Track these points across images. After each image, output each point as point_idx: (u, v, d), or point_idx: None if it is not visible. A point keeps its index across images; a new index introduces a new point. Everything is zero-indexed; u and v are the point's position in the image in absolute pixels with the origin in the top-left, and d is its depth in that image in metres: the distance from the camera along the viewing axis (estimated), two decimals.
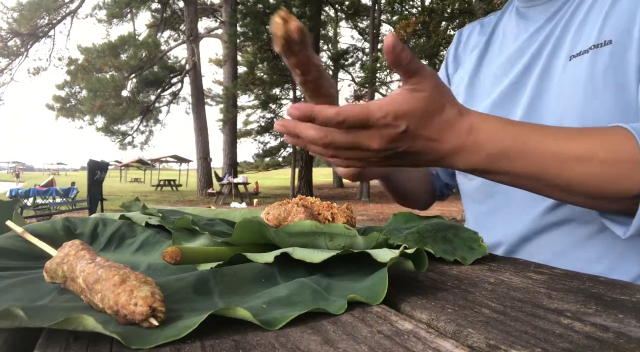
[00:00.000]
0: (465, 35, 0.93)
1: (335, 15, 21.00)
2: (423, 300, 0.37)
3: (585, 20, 0.66)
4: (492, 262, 0.51)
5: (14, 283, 0.40)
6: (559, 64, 0.68)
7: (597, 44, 0.63)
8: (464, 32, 0.94)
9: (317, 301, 0.35)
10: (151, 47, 14.74)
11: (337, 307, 0.34)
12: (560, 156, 0.50)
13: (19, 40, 15.23)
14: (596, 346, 0.27)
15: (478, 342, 0.28)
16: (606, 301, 0.35)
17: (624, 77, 0.60)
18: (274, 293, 0.37)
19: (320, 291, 0.38)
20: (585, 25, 0.66)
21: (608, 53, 0.61)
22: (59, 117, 17.19)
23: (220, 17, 16.34)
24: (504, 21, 0.84)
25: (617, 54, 0.60)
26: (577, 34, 0.66)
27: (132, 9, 14.44)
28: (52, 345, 0.30)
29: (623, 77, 0.60)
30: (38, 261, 0.47)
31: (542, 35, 0.72)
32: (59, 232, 0.55)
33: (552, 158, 0.50)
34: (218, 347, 0.28)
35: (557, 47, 0.69)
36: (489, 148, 0.49)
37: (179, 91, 17.72)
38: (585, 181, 0.49)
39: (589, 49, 0.64)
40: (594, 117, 0.61)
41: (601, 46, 0.62)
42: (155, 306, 0.31)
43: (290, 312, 0.32)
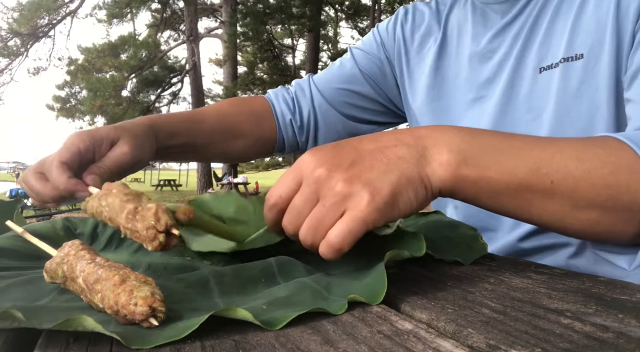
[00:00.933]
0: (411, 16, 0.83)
1: (335, 15, 21.00)
2: (423, 300, 0.37)
3: (552, 29, 0.63)
4: (492, 262, 0.51)
5: (14, 283, 0.40)
6: (527, 75, 0.65)
7: (567, 57, 0.60)
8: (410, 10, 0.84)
9: (317, 300, 0.35)
10: (151, 47, 14.74)
11: (338, 308, 0.34)
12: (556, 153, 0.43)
13: (19, 40, 15.23)
14: (596, 346, 0.27)
15: (478, 342, 0.28)
16: (606, 301, 0.35)
17: (597, 93, 0.58)
18: (274, 293, 0.37)
19: (320, 290, 0.38)
20: (552, 34, 0.63)
21: (580, 68, 0.59)
22: (59, 117, 17.19)
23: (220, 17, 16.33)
24: (455, 12, 0.77)
25: (589, 69, 0.58)
26: (545, 44, 0.63)
27: (132, 9, 14.44)
28: (52, 345, 0.30)
29: (596, 93, 0.58)
30: (38, 261, 0.47)
31: (504, 41, 0.68)
32: (59, 232, 0.55)
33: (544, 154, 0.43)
34: (218, 347, 0.28)
35: (522, 56, 0.65)
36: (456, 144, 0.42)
37: (179, 91, 17.72)
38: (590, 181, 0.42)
39: (559, 61, 0.61)
40: (565, 134, 0.59)
41: (572, 60, 0.60)
42: (155, 306, 0.31)
43: (290, 312, 0.32)
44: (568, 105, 0.60)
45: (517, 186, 0.42)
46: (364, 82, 0.84)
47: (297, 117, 0.87)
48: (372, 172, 0.39)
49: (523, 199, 0.42)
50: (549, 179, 0.41)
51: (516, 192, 0.42)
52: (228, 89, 14.72)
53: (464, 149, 0.42)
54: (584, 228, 0.44)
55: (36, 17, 14.65)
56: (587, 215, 0.43)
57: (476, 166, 0.41)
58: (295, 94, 0.88)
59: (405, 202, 0.39)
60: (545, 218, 0.44)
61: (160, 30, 17.09)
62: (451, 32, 0.77)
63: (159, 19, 16.88)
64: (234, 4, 14.32)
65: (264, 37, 14.22)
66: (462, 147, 0.42)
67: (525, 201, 0.43)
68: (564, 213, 0.43)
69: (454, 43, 0.76)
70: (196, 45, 15.07)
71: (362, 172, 0.39)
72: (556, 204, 0.42)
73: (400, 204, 0.39)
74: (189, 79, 15.70)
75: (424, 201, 0.41)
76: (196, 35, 15.09)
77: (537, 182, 0.42)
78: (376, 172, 0.39)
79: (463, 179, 0.41)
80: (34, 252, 0.47)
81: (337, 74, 0.86)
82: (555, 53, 0.62)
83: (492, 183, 0.42)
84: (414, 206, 0.40)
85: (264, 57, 17.40)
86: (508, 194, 0.42)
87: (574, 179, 0.42)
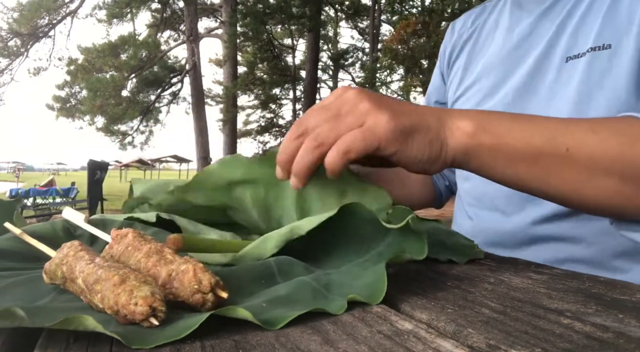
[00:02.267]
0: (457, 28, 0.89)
1: (335, 15, 21.01)
2: (423, 300, 0.37)
3: (583, 21, 0.64)
4: (492, 262, 0.51)
5: (13, 283, 0.40)
6: (553, 64, 0.66)
7: (595, 46, 0.61)
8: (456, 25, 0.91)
9: (317, 299, 0.35)
10: (151, 47, 14.73)
11: (337, 308, 0.34)
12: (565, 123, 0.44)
13: (19, 40, 15.22)
14: (596, 346, 0.27)
15: (478, 342, 0.28)
16: (606, 301, 0.35)
17: (620, 83, 0.59)
18: (274, 292, 0.37)
19: (320, 289, 0.38)
20: (582, 26, 0.64)
21: (607, 57, 0.60)
22: (59, 117, 17.18)
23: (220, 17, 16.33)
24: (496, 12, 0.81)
25: (615, 60, 0.59)
26: (574, 35, 0.65)
27: (132, 9, 14.44)
28: (52, 345, 0.30)
29: (618, 83, 0.59)
30: (38, 262, 0.47)
31: (537, 30, 0.70)
32: (59, 233, 0.55)
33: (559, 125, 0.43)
34: (218, 347, 0.28)
35: (551, 46, 0.67)
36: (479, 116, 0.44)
37: (179, 91, 17.71)
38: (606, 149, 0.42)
39: (586, 51, 0.62)
40: None
41: (599, 49, 0.61)
42: (156, 305, 0.31)
43: (290, 311, 0.32)
44: (589, 95, 0.60)
45: (533, 152, 0.42)
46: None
47: None
48: (399, 106, 0.41)
49: (540, 167, 0.43)
50: (564, 146, 0.42)
51: (533, 159, 0.42)
52: (228, 89, 14.72)
53: (482, 118, 0.43)
54: (603, 198, 0.43)
55: (36, 17, 14.64)
56: (604, 183, 0.43)
57: (493, 133, 0.42)
58: None
59: (419, 144, 0.41)
60: (564, 187, 0.44)
61: (160, 30, 17.08)
62: (488, 28, 0.80)
63: (159, 19, 16.87)
64: (234, 4, 14.31)
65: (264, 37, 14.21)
66: (480, 116, 0.44)
67: (543, 169, 0.43)
68: (581, 181, 0.43)
69: (488, 38, 0.80)
70: (196, 45, 15.07)
71: (388, 102, 0.41)
72: (573, 171, 0.42)
73: (415, 142, 0.41)
74: (189, 79, 15.69)
75: (436, 158, 0.42)
76: (196, 35, 15.09)
77: (552, 149, 0.42)
78: (402, 107, 0.42)
79: (480, 145, 0.42)
80: (34, 254, 0.47)
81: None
82: (584, 43, 0.63)
83: (509, 149, 0.42)
84: (425, 155, 0.41)
85: (264, 57, 17.39)
86: (525, 162, 0.42)
87: (588, 147, 0.42)
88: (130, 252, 0.39)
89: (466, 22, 0.88)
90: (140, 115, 16.80)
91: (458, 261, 0.48)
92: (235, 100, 15.63)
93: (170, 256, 0.37)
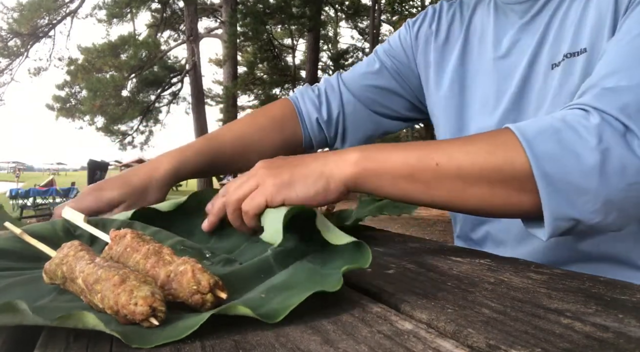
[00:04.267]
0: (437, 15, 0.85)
1: (335, 15, 21.00)
2: (423, 300, 0.37)
3: (563, 26, 0.64)
4: (492, 262, 0.51)
5: (13, 283, 0.40)
6: (541, 73, 0.66)
7: (571, 52, 0.62)
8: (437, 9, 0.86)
9: (313, 277, 0.36)
10: (151, 47, 14.72)
11: (334, 283, 0.34)
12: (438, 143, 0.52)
13: (19, 40, 15.22)
14: (596, 346, 0.27)
15: (478, 342, 0.28)
16: (606, 301, 0.35)
17: None
18: (272, 282, 0.38)
19: (315, 267, 0.39)
20: (563, 30, 0.64)
21: (582, 62, 0.60)
22: (59, 117, 17.18)
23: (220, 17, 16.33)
24: (478, 14, 0.79)
25: (591, 63, 0.59)
26: (557, 41, 0.65)
27: (132, 9, 14.43)
28: (52, 345, 0.30)
29: None
30: (38, 262, 0.47)
31: (523, 40, 0.69)
32: (59, 233, 0.55)
33: (432, 145, 0.52)
34: (218, 347, 0.28)
35: (538, 54, 0.67)
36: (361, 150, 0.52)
37: (179, 91, 17.70)
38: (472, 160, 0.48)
39: (563, 57, 0.63)
40: None
41: (576, 55, 0.61)
42: (156, 305, 0.31)
43: (288, 299, 0.32)
44: (564, 102, 0.60)
45: (409, 170, 0.50)
46: (390, 78, 0.89)
47: (323, 113, 0.91)
48: (287, 165, 0.53)
49: (419, 182, 0.50)
50: (434, 161, 0.49)
51: (410, 176, 0.50)
52: (228, 89, 14.72)
53: (365, 149, 0.53)
54: (482, 203, 0.50)
55: (36, 17, 14.64)
56: (479, 190, 0.49)
57: (375, 159, 0.51)
58: (325, 91, 0.92)
59: (302, 188, 0.51)
60: (445, 197, 0.51)
61: (160, 30, 17.08)
62: (474, 32, 0.79)
63: (159, 19, 16.87)
64: (234, 4, 14.31)
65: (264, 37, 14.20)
66: (364, 148, 0.53)
67: (422, 184, 0.50)
68: (457, 190, 0.50)
69: (476, 43, 0.78)
70: (196, 45, 15.07)
71: (279, 164, 0.54)
72: (447, 183, 0.50)
73: (297, 188, 0.51)
74: (189, 79, 15.69)
75: (325, 191, 0.51)
76: (196, 35, 15.09)
77: (425, 165, 0.50)
78: (287, 165, 0.53)
79: (364, 170, 0.51)
80: (34, 254, 0.47)
81: (364, 72, 0.91)
82: (563, 49, 0.63)
83: (390, 171, 0.51)
84: (312, 193, 0.51)
85: (264, 57, 17.38)
86: (405, 179, 0.50)
87: (457, 160, 0.49)
88: (129, 254, 0.39)
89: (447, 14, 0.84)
90: (140, 115, 16.80)
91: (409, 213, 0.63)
92: (235, 100, 15.63)
93: (168, 256, 0.37)
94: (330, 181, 0.51)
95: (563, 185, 0.45)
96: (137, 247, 0.39)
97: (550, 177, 0.45)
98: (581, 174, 0.45)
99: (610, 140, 0.45)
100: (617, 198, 0.46)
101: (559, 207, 0.46)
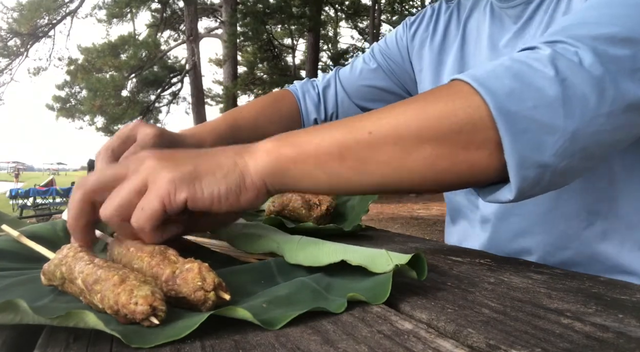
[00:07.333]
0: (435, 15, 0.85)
1: (335, 15, 21.00)
2: (423, 300, 0.37)
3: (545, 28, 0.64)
4: (492, 262, 0.51)
5: (13, 283, 0.40)
6: None
7: None
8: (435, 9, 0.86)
9: (317, 300, 0.35)
10: (151, 47, 14.72)
11: (337, 306, 0.34)
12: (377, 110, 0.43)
13: (19, 40, 15.22)
14: (596, 346, 0.27)
15: (478, 342, 0.28)
16: (606, 301, 0.35)
17: None
18: (274, 292, 0.37)
19: (320, 290, 0.38)
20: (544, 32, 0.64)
21: None
22: (59, 117, 17.18)
23: (220, 17, 16.32)
24: (475, 16, 0.78)
25: None
26: None
27: (132, 9, 14.44)
28: (52, 345, 0.30)
29: None
30: (38, 263, 0.47)
31: (517, 45, 0.69)
32: (59, 233, 0.55)
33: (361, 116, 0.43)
34: (218, 347, 0.28)
35: None
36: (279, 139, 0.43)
37: (179, 91, 17.69)
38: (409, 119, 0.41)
39: None
40: None
41: None
42: (156, 305, 0.31)
43: (290, 311, 0.32)
44: None
45: (338, 147, 0.41)
46: (386, 77, 0.89)
47: (321, 114, 0.91)
48: (184, 158, 0.41)
49: (352, 159, 0.41)
50: (365, 130, 0.41)
51: (340, 153, 0.41)
52: (228, 89, 14.72)
53: (282, 136, 0.43)
54: (429, 168, 0.41)
55: (36, 17, 14.64)
56: (421, 153, 0.41)
57: (293, 143, 0.42)
58: (323, 90, 0.92)
59: (209, 183, 0.40)
60: (385, 170, 0.41)
61: (160, 30, 17.07)
62: (470, 35, 0.79)
63: (159, 19, 16.87)
64: (234, 4, 14.31)
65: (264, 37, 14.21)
66: (281, 136, 0.44)
67: (355, 160, 0.41)
68: (398, 159, 0.41)
69: (472, 46, 0.78)
70: (196, 45, 15.07)
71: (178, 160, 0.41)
72: (386, 152, 0.41)
73: (203, 183, 0.40)
74: (189, 79, 15.68)
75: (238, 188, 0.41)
76: (196, 35, 15.08)
77: (355, 137, 0.41)
78: (188, 158, 0.41)
79: (281, 156, 0.42)
80: (34, 254, 0.47)
81: (360, 70, 0.91)
82: None
83: (313, 152, 0.42)
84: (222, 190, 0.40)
85: (264, 57, 17.39)
86: (334, 159, 0.41)
87: (390, 124, 0.41)
88: (132, 254, 0.39)
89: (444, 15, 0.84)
90: (140, 115, 16.78)
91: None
92: (235, 100, 15.62)
93: (174, 257, 0.38)
94: (245, 175, 0.41)
95: (528, 123, 0.39)
96: (141, 248, 0.39)
97: (513, 115, 0.39)
98: (546, 109, 0.39)
99: (566, 70, 0.40)
100: (583, 134, 0.40)
101: (526, 151, 0.39)
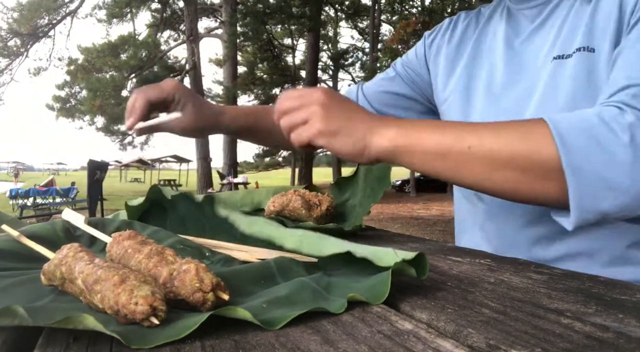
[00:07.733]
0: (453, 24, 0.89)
1: (335, 15, 21.00)
2: (423, 300, 0.37)
3: (572, 27, 0.66)
4: (492, 262, 0.51)
5: (13, 283, 0.40)
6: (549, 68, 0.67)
7: (581, 47, 0.64)
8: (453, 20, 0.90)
9: (317, 300, 0.35)
10: (151, 47, 14.72)
11: (337, 306, 0.34)
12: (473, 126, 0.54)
13: (19, 40, 15.22)
14: (596, 346, 0.27)
15: (478, 342, 0.28)
16: (606, 301, 0.35)
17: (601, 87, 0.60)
18: (274, 293, 0.37)
19: (320, 290, 0.38)
20: (572, 32, 0.66)
21: (592, 60, 0.62)
22: (59, 117, 17.17)
23: (220, 17, 16.32)
24: (493, 23, 0.82)
25: (597, 63, 0.62)
26: (566, 41, 0.66)
27: (132, 9, 14.44)
28: (52, 345, 0.30)
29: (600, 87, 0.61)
30: (38, 263, 0.47)
31: (533, 44, 0.71)
32: (59, 233, 0.55)
33: (467, 127, 0.54)
34: (218, 347, 0.28)
35: (549, 52, 0.69)
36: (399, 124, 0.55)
37: None
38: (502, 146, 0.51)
39: (572, 52, 0.64)
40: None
41: (585, 51, 0.63)
42: (156, 305, 0.31)
43: (290, 311, 0.32)
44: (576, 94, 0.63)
45: (442, 151, 0.53)
46: (404, 84, 0.94)
47: None
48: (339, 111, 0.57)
49: (450, 162, 0.53)
50: (467, 144, 0.52)
51: (442, 156, 0.53)
52: (228, 89, 14.73)
53: (403, 125, 0.56)
54: (508, 187, 0.52)
55: (36, 17, 14.64)
56: (506, 175, 0.51)
57: (410, 136, 0.54)
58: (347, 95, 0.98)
59: (341, 143, 0.56)
60: (473, 178, 0.53)
61: (160, 30, 17.08)
62: (485, 36, 0.82)
63: (159, 19, 16.87)
64: (234, 4, 14.31)
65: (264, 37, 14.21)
66: (402, 124, 0.56)
67: (453, 164, 0.53)
68: (485, 173, 0.52)
69: (486, 44, 0.81)
70: (196, 45, 15.06)
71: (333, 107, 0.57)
72: (477, 165, 0.52)
73: (337, 141, 0.56)
74: (189, 79, 15.68)
75: (359, 155, 0.56)
76: (196, 35, 15.08)
77: (458, 147, 0.52)
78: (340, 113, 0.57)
79: (398, 147, 0.55)
80: (34, 254, 0.47)
81: (380, 78, 0.98)
82: (570, 45, 0.65)
83: (423, 149, 0.54)
84: (348, 151, 0.56)
85: (264, 57, 17.40)
86: (438, 158, 0.53)
87: (488, 145, 0.51)
88: (130, 254, 0.39)
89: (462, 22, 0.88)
90: None
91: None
92: (235, 100, 15.63)
93: (171, 257, 0.37)
94: (367, 149, 0.55)
95: (593, 179, 0.47)
96: (139, 248, 0.39)
97: (580, 170, 0.47)
98: (613, 170, 0.46)
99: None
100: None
101: (587, 200, 0.47)
